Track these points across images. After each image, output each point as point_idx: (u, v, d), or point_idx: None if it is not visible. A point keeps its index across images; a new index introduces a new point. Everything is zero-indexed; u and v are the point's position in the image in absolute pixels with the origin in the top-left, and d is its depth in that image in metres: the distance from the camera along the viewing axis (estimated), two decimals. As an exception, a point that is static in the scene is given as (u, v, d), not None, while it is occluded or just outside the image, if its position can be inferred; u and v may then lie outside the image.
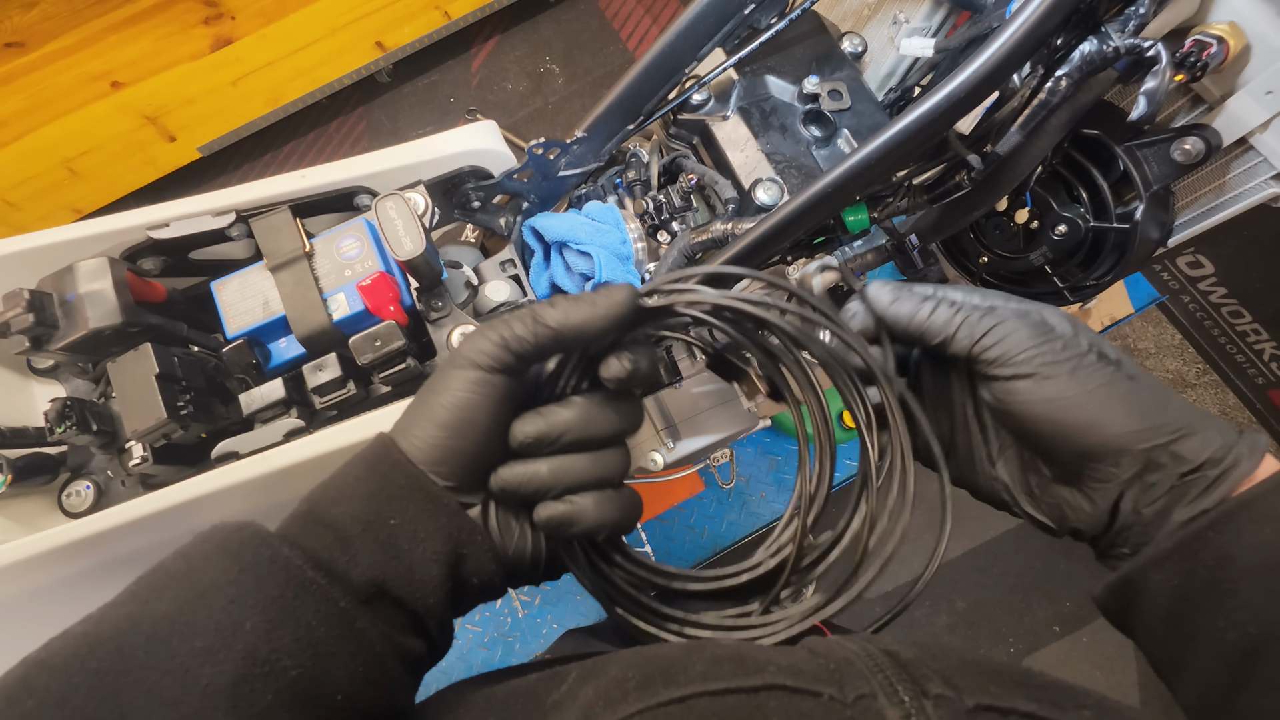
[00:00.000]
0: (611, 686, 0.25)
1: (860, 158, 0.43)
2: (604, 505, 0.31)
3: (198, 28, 1.39)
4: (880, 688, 0.23)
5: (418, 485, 0.29)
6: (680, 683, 0.24)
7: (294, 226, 0.48)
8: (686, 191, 0.58)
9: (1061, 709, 0.22)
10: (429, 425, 0.30)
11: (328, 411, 0.47)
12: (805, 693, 0.23)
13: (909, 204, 0.50)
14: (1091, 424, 0.28)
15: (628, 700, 0.24)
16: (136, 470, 0.43)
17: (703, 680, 0.24)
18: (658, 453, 0.79)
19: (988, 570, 1.49)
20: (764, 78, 0.59)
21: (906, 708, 0.22)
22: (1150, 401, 0.28)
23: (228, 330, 0.46)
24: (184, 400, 0.43)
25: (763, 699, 0.23)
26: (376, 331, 0.46)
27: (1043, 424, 0.29)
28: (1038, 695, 0.23)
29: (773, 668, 0.24)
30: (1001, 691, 0.22)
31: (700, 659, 0.25)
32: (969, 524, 1.50)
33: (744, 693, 0.23)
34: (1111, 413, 0.28)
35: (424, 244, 0.44)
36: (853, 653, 0.25)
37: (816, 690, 0.23)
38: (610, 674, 0.26)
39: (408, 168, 0.53)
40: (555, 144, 0.58)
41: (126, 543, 0.39)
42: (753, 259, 0.50)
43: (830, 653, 0.25)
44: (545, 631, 1.37)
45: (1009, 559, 1.48)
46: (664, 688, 0.24)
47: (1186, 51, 0.38)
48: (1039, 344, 0.29)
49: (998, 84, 0.40)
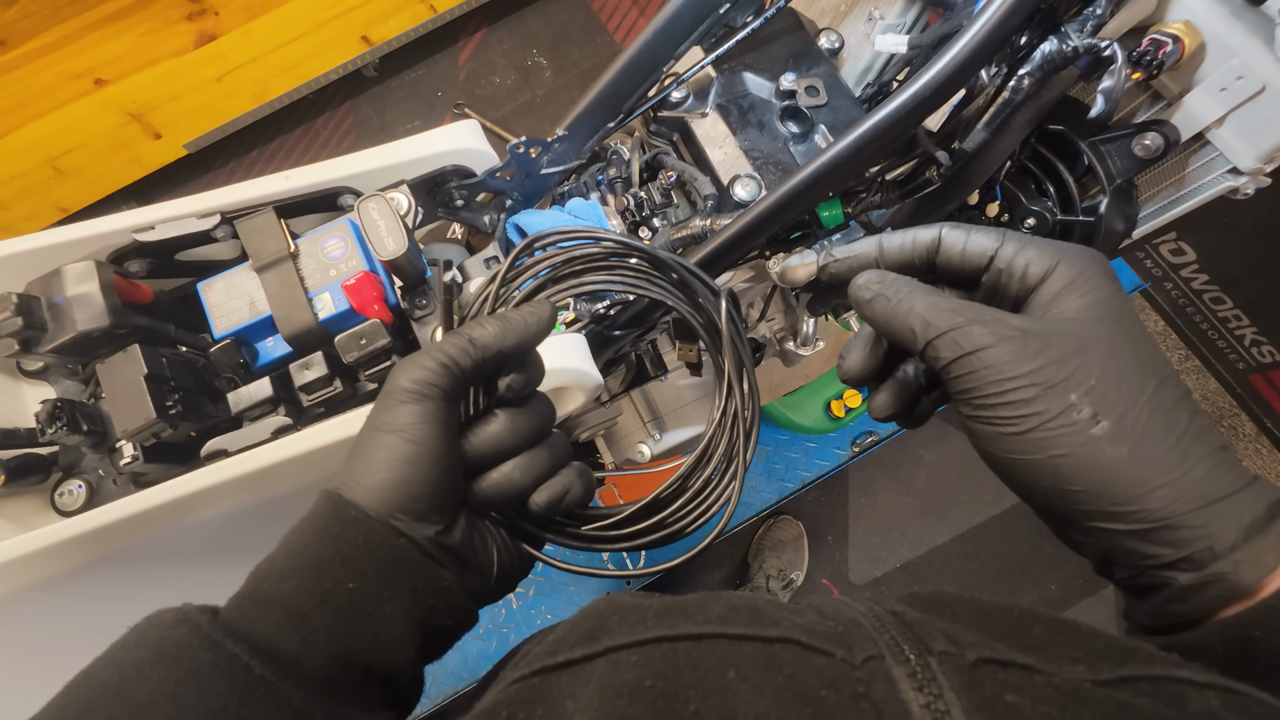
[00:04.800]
0: (629, 610, 0.26)
1: (831, 156, 0.44)
2: (583, 476, 0.35)
3: (181, 24, 1.38)
4: (887, 648, 0.23)
5: (377, 542, 0.28)
6: (698, 620, 0.25)
7: (279, 227, 0.49)
8: (666, 188, 0.59)
9: (1056, 662, 0.22)
10: (387, 466, 0.29)
11: (315, 409, 0.48)
12: (818, 650, 0.23)
13: (882, 199, 0.51)
14: (1063, 493, 0.25)
15: (645, 624, 0.25)
16: (127, 469, 0.44)
17: (720, 623, 0.24)
18: (645, 444, 0.81)
19: (975, 555, 1.52)
20: (742, 75, 0.60)
21: (912, 666, 0.22)
22: (1137, 474, 0.24)
23: (215, 330, 0.47)
24: (172, 400, 0.44)
25: (779, 650, 0.23)
26: (362, 330, 0.47)
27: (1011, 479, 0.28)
28: (1037, 644, 0.23)
29: (788, 623, 0.24)
30: (1002, 646, 0.23)
31: (717, 604, 0.26)
32: (956, 510, 1.52)
33: (761, 641, 0.24)
34: (1084, 479, 0.25)
35: (406, 244, 0.45)
36: (860, 613, 0.25)
37: (829, 650, 0.23)
38: (627, 601, 0.27)
39: (391, 167, 0.53)
40: (537, 142, 0.58)
41: (118, 540, 0.40)
42: (730, 254, 0.52)
43: (838, 614, 0.25)
44: (539, 622, 1.39)
45: (995, 544, 1.50)
46: (682, 621, 0.25)
47: (1143, 50, 0.40)
48: (1014, 380, 0.25)
49: (962, 83, 0.41)
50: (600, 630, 0.25)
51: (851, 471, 1.54)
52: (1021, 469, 0.26)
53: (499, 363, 0.32)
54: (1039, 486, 0.26)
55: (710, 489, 0.38)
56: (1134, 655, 0.22)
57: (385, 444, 0.29)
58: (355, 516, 0.28)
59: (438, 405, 0.30)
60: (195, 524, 0.44)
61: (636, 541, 0.37)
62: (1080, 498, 0.25)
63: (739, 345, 0.41)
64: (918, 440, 1.54)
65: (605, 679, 0.23)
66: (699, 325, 0.42)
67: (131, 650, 0.24)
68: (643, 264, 0.42)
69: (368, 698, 0.28)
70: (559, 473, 0.35)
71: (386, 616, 0.28)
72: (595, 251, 0.41)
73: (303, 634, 0.26)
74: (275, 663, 0.25)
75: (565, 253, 0.40)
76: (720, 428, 0.40)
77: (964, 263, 0.30)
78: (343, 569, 0.27)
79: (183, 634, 0.24)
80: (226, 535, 0.47)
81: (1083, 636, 0.24)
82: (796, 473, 1.42)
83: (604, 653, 0.24)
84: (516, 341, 0.32)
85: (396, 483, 0.29)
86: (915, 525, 1.52)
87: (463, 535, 0.31)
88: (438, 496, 0.30)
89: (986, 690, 0.21)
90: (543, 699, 0.23)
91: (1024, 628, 0.24)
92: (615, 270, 0.41)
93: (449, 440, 0.30)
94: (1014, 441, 0.26)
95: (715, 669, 0.22)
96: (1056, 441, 0.25)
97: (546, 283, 0.40)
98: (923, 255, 0.31)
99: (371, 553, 0.28)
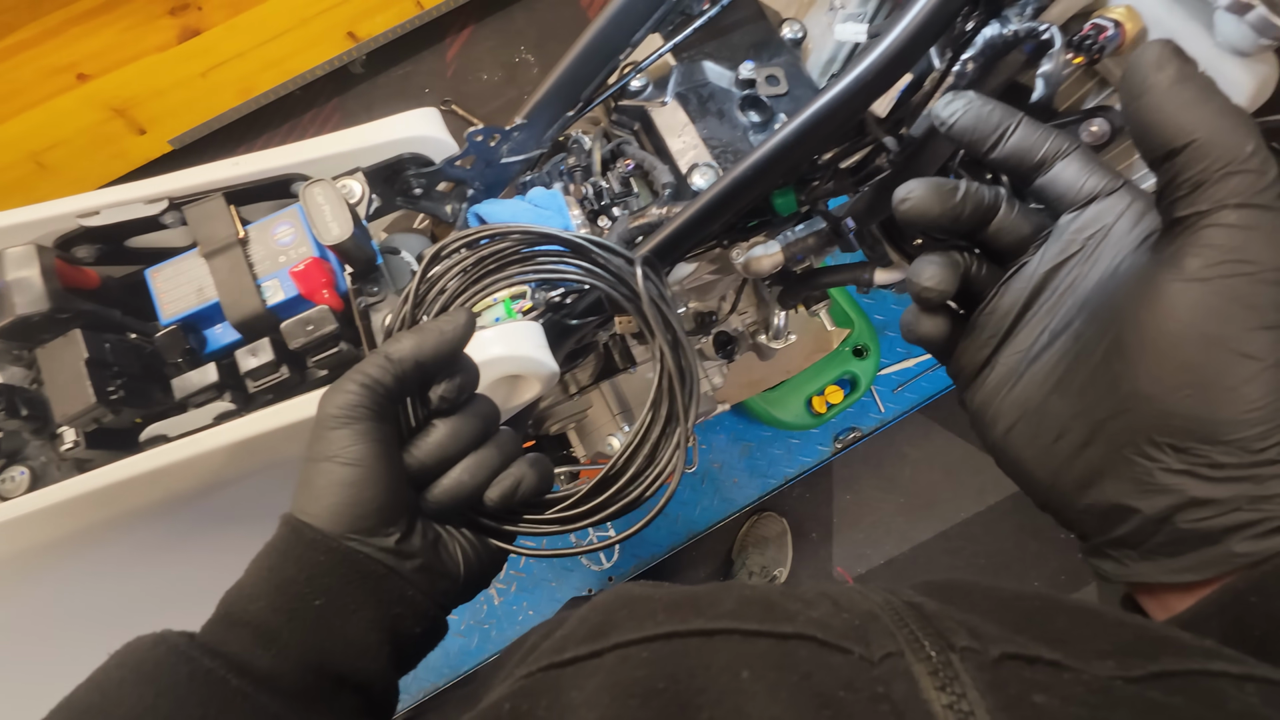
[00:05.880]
0: (638, 604, 0.26)
1: (776, 142, 0.44)
2: (535, 466, 0.36)
3: (163, 18, 1.38)
4: (906, 644, 0.22)
5: (339, 559, 0.29)
6: (709, 615, 0.24)
7: (228, 213, 0.48)
8: (625, 176, 0.59)
9: (1084, 657, 0.21)
10: (330, 491, 0.30)
11: (263, 395, 0.48)
12: (835, 647, 0.22)
13: (835, 187, 0.51)
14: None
15: (655, 619, 0.24)
16: (70, 455, 0.44)
17: (732, 618, 0.24)
18: (614, 437, 0.81)
19: (959, 552, 1.52)
20: (701, 64, 0.59)
21: (934, 663, 0.21)
22: None
23: (161, 317, 0.47)
24: (115, 385, 0.43)
25: (793, 647, 0.22)
26: (309, 316, 0.47)
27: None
28: (1062, 636, 0.22)
29: (802, 618, 0.23)
30: (1026, 639, 0.21)
31: (729, 597, 0.25)
32: (941, 507, 1.52)
33: (775, 638, 0.23)
34: None
35: (351, 229, 0.45)
36: (877, 605, 0.24)
37: (846, 647, 0.22)
38: (636, 592, 0.27)
39: (345, 154, 0.53)
40: (496, 130, 0.58)
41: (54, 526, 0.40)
42: (684, 242, 0.51)
43: (854, 606, 0.24)
44: (521, 618, 1.39)
45: (979, 541, 1.50)
46: (693, 616, 0.24)
47: (1084, 35, 0.39)
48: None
49: (904, 67, 0.41)
50: (608, 625, 0.25)
51: (836, 468, 1.54)
52: (1212, 359, 0.23)
53: (422, 373, 0.33)
54: (1216, 381, 0.23)
55: (659, 454, 0.39)
56: (1165, 647, 0.21)
57: (324, 471, 0.30)
58: (314, 538, 0.30)
59: (367, 425, 0.31)
60: (139, 509, 0.44)
61: (597, 516, 0.38)
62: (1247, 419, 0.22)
63: (660, 305, 0.42)
64: (902, 437, 1.54)
65: (615, 675, 0.22)
66: (622, 297, 0.43)
67: (112, 672, 0.26)
68: (558, 250, 0.43)
69: (344, 707, 0.29)
70: (510, 466, 0.35)
71: (354, 628, 0.29)
72: (505, 247, 0.41)
73: (274, 650, 0.27)
74: (250, 676, 0.26)
75: (475, 254, 0.40)
76: (660, 389, 0.40)
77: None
78: (307, 587, 0.29)
79: (160, 653, 0.26)
80: (173, 521, 0.47)
81: (1109, 626, 0.22)
82: (779, 469, 1.42)
83: (612, 648, 0.24)
84: (434, 350, 0.32)
85: (342, 505, 0.30)
86: (900, 522, 1.52)
87: (422, 543, 0.32)
88: (385, 511, 0.31)
89: (1012, 689, 0.20)
90: (548, 692, 0.23)
91: (1047, 618, 0.23)
92: (530, 261, 0.42)
93: (386, 456, 0.31)
94: (1251, 330, 0.22)
95: (728, 669, 0.22)
96: (1270, 348, 0.22)
97: (462, 288, 0.40)
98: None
99: (334, 569, 0.29)
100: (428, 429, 0.34)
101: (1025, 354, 0.29)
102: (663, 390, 0.40)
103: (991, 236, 0.30)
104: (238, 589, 0.30)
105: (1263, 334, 0.22)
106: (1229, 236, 0.22)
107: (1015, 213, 0.30)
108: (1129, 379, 0.25)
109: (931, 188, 0.29)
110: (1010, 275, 0.29)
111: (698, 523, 1.40)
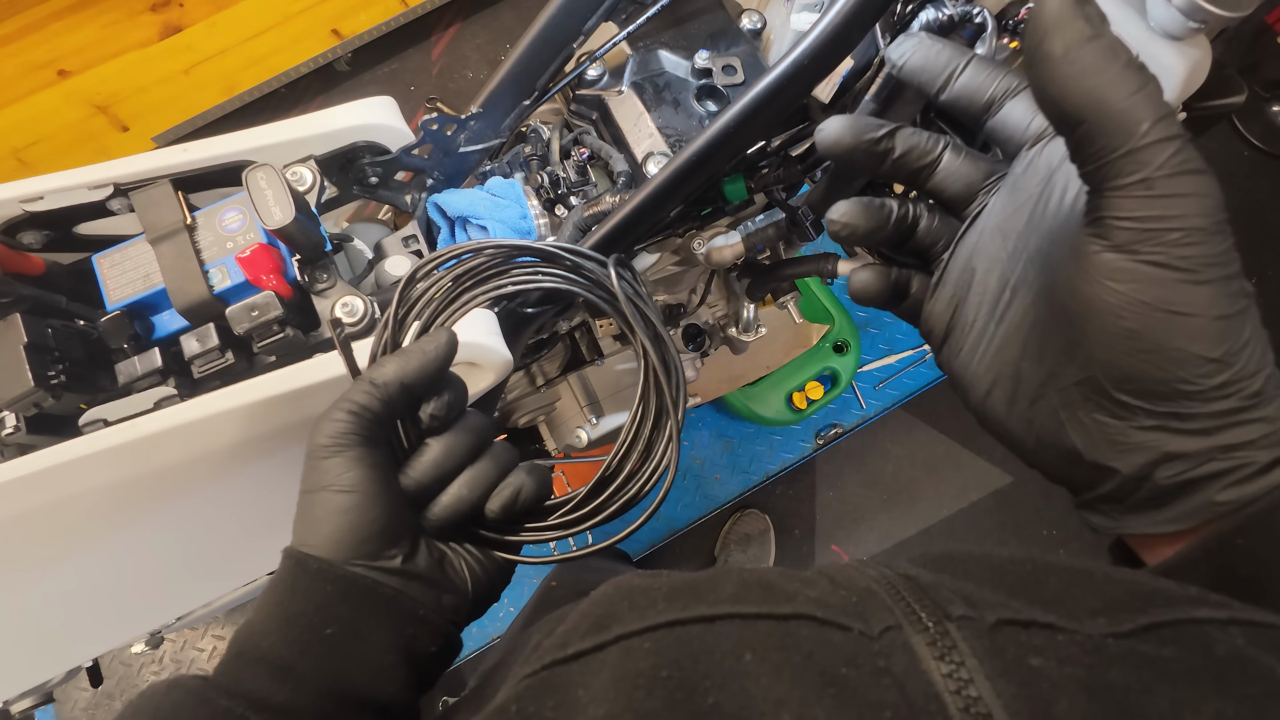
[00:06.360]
0: (638, 594, 0.26)
1: (717, 128, 0.44)
2: (533, 474, 0.36)
3: (145, 14, 1.38)
4: (904, 617, 0.22)
5: (346, 587, 0.30)
6: (710, 601, 0.24)
7: (174, 199, 0.48)
8: (581, 165, 0.59)
9: (1076, 616, 0.21)
10: (328, 520, 0.30)
11: (209, 381, 0.47)
12: (834, 625, 0.22)
13: (785, 173, 0.51)
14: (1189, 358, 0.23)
15: (656, 608, 0.24)
16: (11, 440, 0.44)
17: (733, 602, 0.24)
18: (582, 429, 0.81)
19: (942, 550, 1.52)
20: (657, 53, 0.59)
21: (931, 634, 0.21)
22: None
23: (107, 302, 0.47)
24: (55, 370, 0.43)
25: (794, 627, 0.23)
26: (254, 302, 0.46)
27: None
28: (1055, 598, 0.22)
29: (801, 597, 0.24)
30: (1020, 604, 0.22)
31: (728, 581, 0.25)
32: (922, 504, 1.52)
33: (775, 619, 0.23)
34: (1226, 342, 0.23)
35: (293, 214, 0.45)
36: (873, 580, 0.24)
37: (846, 624, 0.22)
38: (635, 583, 0.27)
39: (296, 142, 0.53)
40: (451, 119, 0.58)
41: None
42: (634, 229, 0.51)
43: (851, 583, 0.25)
44: (502, 615, 1.38)
45: (961, 536, 1.50)
46: (694, 602, 0.24)
47: (1020, 19, 0.39)
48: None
49: (844, 50, 0.41)
50: (610, 617, 0.25)
51: (819, 465, 1.54)
52: (1162, 327, 0.23)
53: (409, 395, 0.33)
54: (1172, 350, 0.23)
55: (653, 450, 0.40)
56: (1153, 599, 0.22)
57: (320, 501, 0.31)
58: (319, 568, 0.30)
59: (359, 451, 0.31)
60: (79, 495, 0.44)
61: (599, 517, 0.39)
62: (1208, 369, 0.22)
63: (637, 303, 0.42)
64: (885, 434, 1.54)
65: (619, 668, 0.22)
66: (600, 300, 0.43)
67: (129, 718, 0.26)
68: (532, 260, 0.43)
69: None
70: (508, 476, 0.35)
71: (369, 652, 0.30)
72: (480, 263, 0.42)
73: (291, 684, 0.28)
74: (270, 711, 0.26)
75: (448, 274, 0.41)
76: (647, 385, 0.41)
77: None
78: (318, 617, 0.29)
79: (176, 697, 0.26)
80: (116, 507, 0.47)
81: (1098, 584, 0.23)
82: (761, 465, 1.42)
83: (615, 640, 0.24)
84: (418, 371, 0.33)
85: (342, 532, 0.30)
86: (882, 518, 1.52)
87: (427, 562, 0.33)
88: (386, 534, 0.31)
89: (1009, 654, 0.20)
90: (553, 690, 0.23)
91: (1039, 580, 0.23)
92: (506, 273, 0.42)
93: (381, 479, 0.31)
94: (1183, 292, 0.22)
95: (731, 653, 0.22)
96: (1230, 302, 0.22)
97: (442, 307, 0.41)
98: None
99: (343, 597, 0.30)
100: (421, 449, 0.34)
101: (991, 313, 0.29)
102: (649, 385, 0.41)
103: (939, 185, 0.30)
104: (248, 627, 0.30)
105: (1198, 289, 0.22)
106: (1146, 206, 0.22)
107: (961, 159, 0.30)
108: (1083, 346, 0.25)
109: (858, 205, 0.31)
110: (964, 230, 0.29)
111: (679, 520, 1.40)
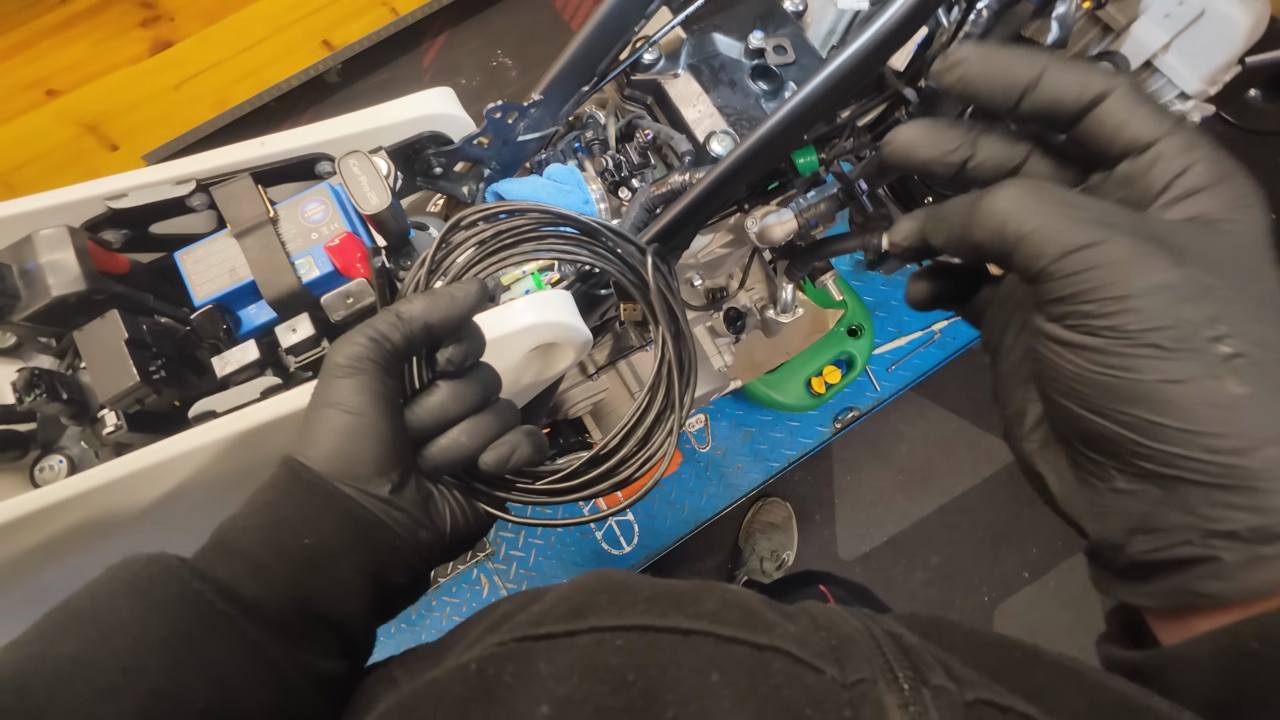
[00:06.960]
0: (619, 590, 0.26)
1: (800, 99, 0.46)
2: (531, 437, 0.36)
3: (135, 30, 1.36)
4: (880, 673, 0.21)
5: (332, 503, 0.30)
6: (689, 613, 0.24)
7: (256, 192, 0.48)
8: (644, 147, 0.60)
9: (1058, 716, 0.20)
10: (329, 436, 0.31)
11: (303, 372, 0.47)
12: (808, 665, 0.22)
13: (854, 144, 0.53)
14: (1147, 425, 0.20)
15: (635, 608, 0.25)
16: (111, 439, 0.43)
17: (711, 620, 0.24)
18: (633, 416, 0.81)
19: (958, 525, 1.55)
20: (711, 35, 0.61)
21: (905, 696, 0.20)
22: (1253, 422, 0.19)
23: (195, 298, 0.46)
24: (155, 365, 0.43)
25: (768, 659, 0.22)
26: (348, 289, 0.46)
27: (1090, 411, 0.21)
28: (1039, 691, 0.21)
29: (780, 630, 0.23)
30: (1002, 688, 0.21)
31: (710, 597, 0.25)
32: (937, 482, 1.56)
33: (750, 646, 0.23)
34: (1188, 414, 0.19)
35: (390, 198, 0.45)
36: (856, 630, 0.24)
37: (820, 667, 0.22)
38: (618, 578, 0.27)
39: (367, 133, 0.53)
40: (514, 107, 0.59)
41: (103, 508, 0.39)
42: (707, 206, 0.52)
43: (834, 627, 0.24)
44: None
45: (977, 513, 1.54)
46: (673, 611, 0.24)
47: (1094, -23, 0.42)
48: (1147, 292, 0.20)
49: (920, 20, 0.43)
50: (587, 607, 0.25)
51: (835, 451, 1.56)
52: (1104, 389, 0.20)
53: (430, 335, 0.34)
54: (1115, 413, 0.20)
55: (651, 439, 0.41)
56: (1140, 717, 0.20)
57: (325, 418, 0.31)
58: (311, 480, 0.30)
59: (371, 377, 0.31)
60: (184, 491, 0.43)
61: (586, 491, 0.40)
62: (1165, 435, 0.20)
63: (667, 295, 0.43)
64: (898, 416, 1.57)
65: (587, 657, 0.23)
66: (630, 283, 0.44)
67: (106, 583, 0.27)
68: (572, 232, 0.44)
69: (323, 644, 0.30)
70: (506, 434, 0.36)
71: (341, 571, 0.30)
72: (522, 224, 0.42)
73: (261, 582, 0.28)
74: (236, 603, 0.27)
75: (493, 227, 0.41)
76: (658, 377, 0.41)
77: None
78: (301, 526, 0.30)
79: (154, 570, 0.27)
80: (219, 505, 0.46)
81: (1087, 687, 0.21)
82: (781, 452, 1.44)
83: (588, 631, 0.24)
84: (444, 314, 0.33)
85: (339, 451, 0.31)
86: (899, 499, 1.55)
87: (414, 497, 0.33)
88: (380, 462, 0.31)
89: None
90: (516, 659, 0.23)
91: (1026, 669, 0.22)
92: (546, 240, 0.43)
93: (386, 409, 0.32)
94: (1117, 359, 0.20)
95: (699, 670, 0.22)
96: (1177, 367, 0.19)
97: (479, 258, 0.41)
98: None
99: (327, 512, 0.30)
100: (430, 389, 0.35)
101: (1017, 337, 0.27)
102: (661, 377, 0.42)
103: None
104: (232, 520, 0.30)
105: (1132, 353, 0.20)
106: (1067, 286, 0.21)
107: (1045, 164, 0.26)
108: (1050, 399, 0.23)
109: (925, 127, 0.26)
110: None
111: (704, 510, 1.41)
